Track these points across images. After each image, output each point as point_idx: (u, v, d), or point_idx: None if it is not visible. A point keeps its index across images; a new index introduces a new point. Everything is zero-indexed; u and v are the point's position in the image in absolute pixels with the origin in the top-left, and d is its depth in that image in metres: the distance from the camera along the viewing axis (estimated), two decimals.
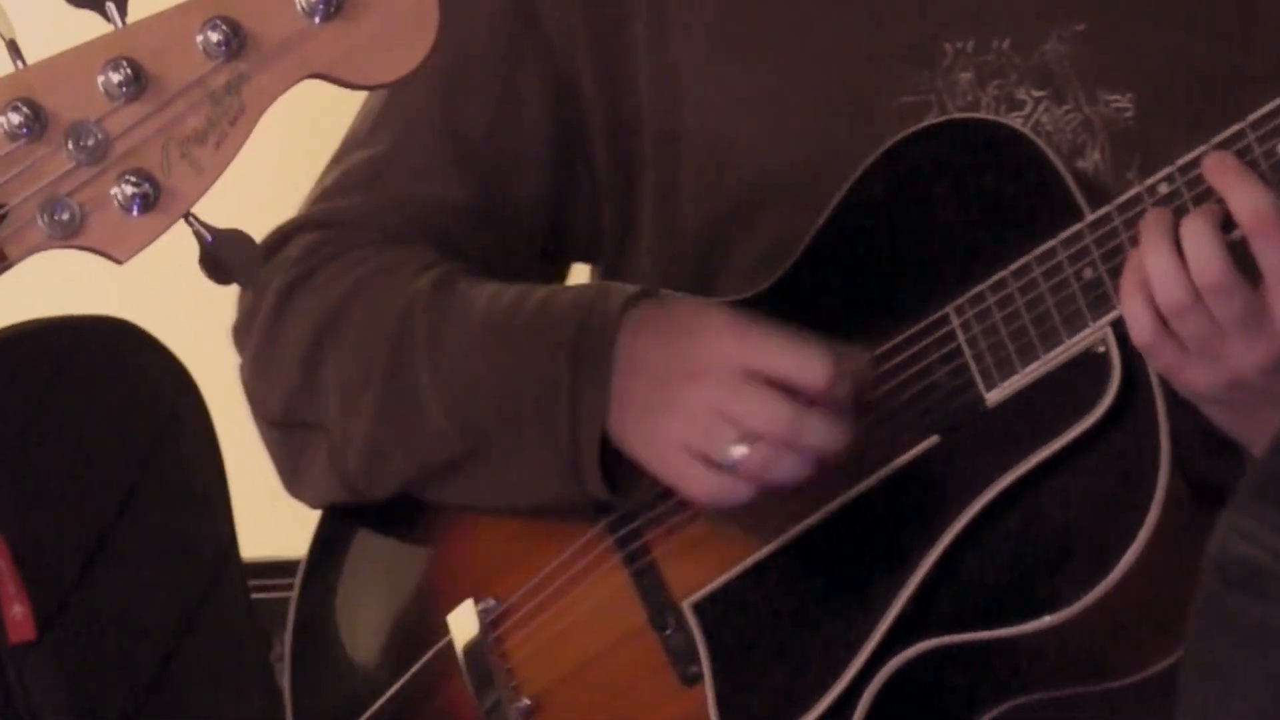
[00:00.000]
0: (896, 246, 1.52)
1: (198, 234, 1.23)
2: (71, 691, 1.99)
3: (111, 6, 1.18)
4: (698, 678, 1.52)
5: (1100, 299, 1.42)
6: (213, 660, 2.21)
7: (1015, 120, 1.51)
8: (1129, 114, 1.51)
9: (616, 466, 1.51)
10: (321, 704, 1.65)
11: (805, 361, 1.43)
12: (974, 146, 1.49)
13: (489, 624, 1.58)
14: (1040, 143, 1.46)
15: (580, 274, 1.75)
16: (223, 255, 1.21)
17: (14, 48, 1.20)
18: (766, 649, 1.52)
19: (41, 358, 2.06)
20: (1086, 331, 1.43)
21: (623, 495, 1.53)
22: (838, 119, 1.52)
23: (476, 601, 1.58)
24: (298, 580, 1.69)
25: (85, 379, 2.18)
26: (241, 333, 1.63)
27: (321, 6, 1.20)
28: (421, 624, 1.61)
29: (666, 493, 1.53)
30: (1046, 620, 1.43)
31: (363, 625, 1.66)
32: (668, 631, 1.53)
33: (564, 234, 1.62)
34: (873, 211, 1.51)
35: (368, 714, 1.61)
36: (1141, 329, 1.37)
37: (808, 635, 1.51)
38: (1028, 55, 1.52)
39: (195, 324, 1.85)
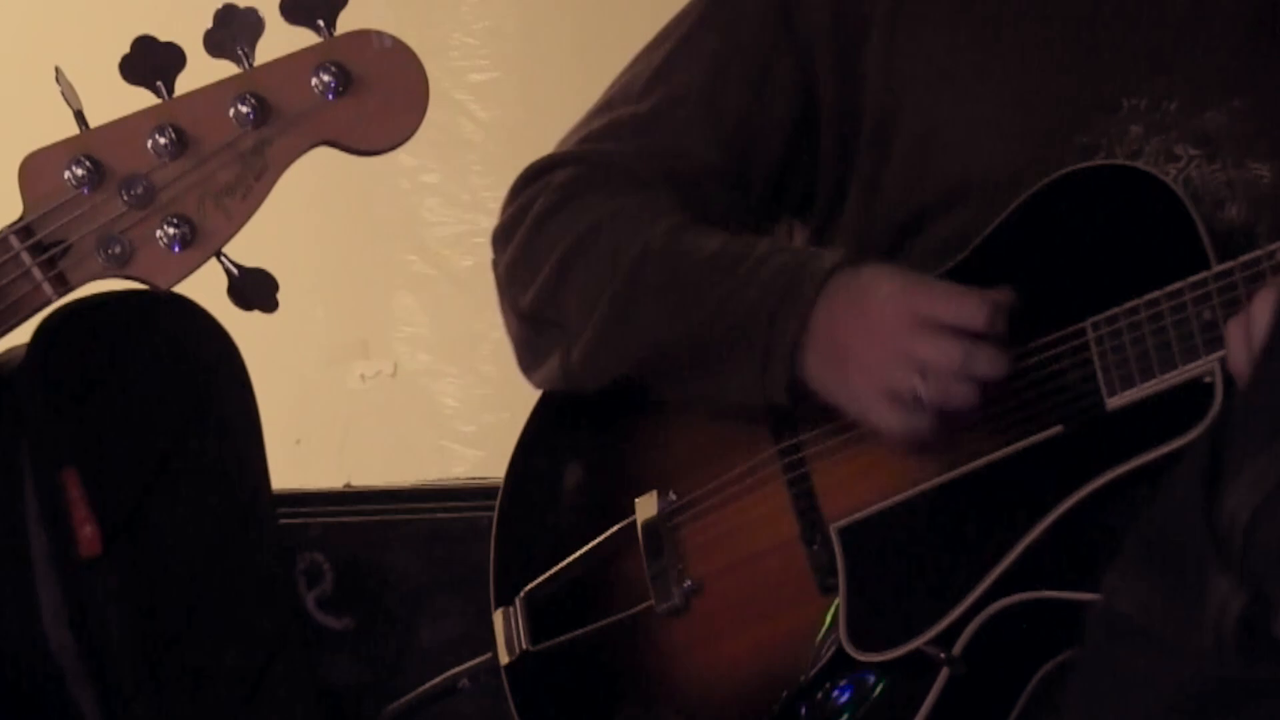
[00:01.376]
0: (1049, 262, 1.55)
1: (227, 270, 1.31)
2: (131, 599, 2.01)
3: (160, 84, 1.25)
4: (834, 589, 1.55)
5: (1214, 338, 1.44)
6: (248, 575, 2.27)
7: (1170, 171, 1.53)
8: (1266, 180, 1.54)
9: (803, 400, 1.55)
10: (520, 555, 1.68)
11: (965, 304, 1.47)
12: (1129, 190, 1.52)
13: (669, 513, 1.61)
14: (1184, 197, 1.49)
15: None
16: (246, 287, 1.29)
17: (80, 116, 1.27)
18: (894, 576, 1.56)
19: (109, 321, 2.09)
20: (1199, 362, 1.45)
21: (800, 406, 1.55)
22: (1028, 143, 1.55)
23: (661, 493, 1.62)
24: (515, 450, 1.72)
25: (143, 338, 2.22)
26: (501, 238, 1.66)
27: (333, 85, 1.26)
28: (613, 502, 1.64)
29: (835, 426, 1.56)
30: None
31: (563, 495, 1.70)
32: (815, 547, 1.56)
33: (785, 198, 1.67)
34: (1036, 228, 1.55)
35: (556, 568, 1.64)
36: (1237, 363, 1.40)
37: (930, 571, 1.55)
38: (1190, 118, 1.54)
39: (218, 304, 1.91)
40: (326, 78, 1.26)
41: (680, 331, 1.58)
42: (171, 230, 1.29)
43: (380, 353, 1.80)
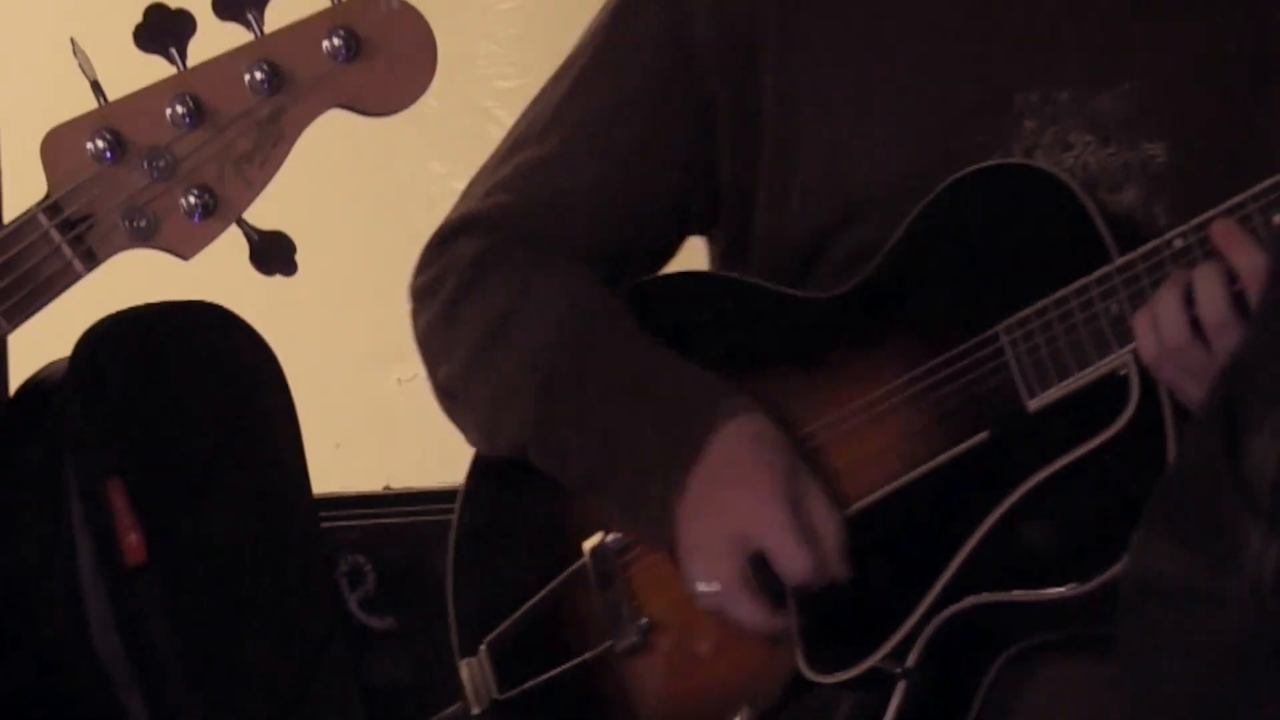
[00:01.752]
0: (954, 268, 1.56)
1: (247, 235, 1.31)
2: (176, 605, 2.00)
3: (174, 52, 1.26)
4: (786, 615, 1.56)
5: (1124, 331, 1.45)
6: (291, 578, 2.27)
7: (1066, 160, 1.54)
8: (1161, 159, 1.54)
9: None
10: (478, 606, 1.69)
11: (792, 558, 1.50)
12: (1025, 187, 1.53)
13: (617, 552, 1.62)
14: (1080, 192, 1.50)
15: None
16: (266, 251, 1.30)
17: (97, 87, 1.27)
18: (843, 597, 1.56)
19: (152, 333, 2.10)
20: (1111, 357, 1.46)
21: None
22: (926, 151, 1.55)
23: (609, 534, 1.62)
24: (458, 505, 1.74)
25: (183, 348, 2.24)
26: (421, 300, 1.68)
27: (343, 51, 1.27)
28: (561, 547, 1.65)
29: None
30: (1066, 590, 1.47)
31: (512, 544, 1.71)
32: (762, 575, 1.56)
33: (691, 220, 1.68)
34: (937, 235, 1.55)
35: (514, 616, 1.65)
36: (1148, 354, 1.42)
37: (878, 588, 1.55)
38: (1082, 106, 1.55)
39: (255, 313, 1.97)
40: (337, 42, 1.27)
41: (590, 433, 1.59)
42: (193, 200, 1.29)
43: (417, 356, 1.82)
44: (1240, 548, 1.00)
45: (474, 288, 1.62)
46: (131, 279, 1.70)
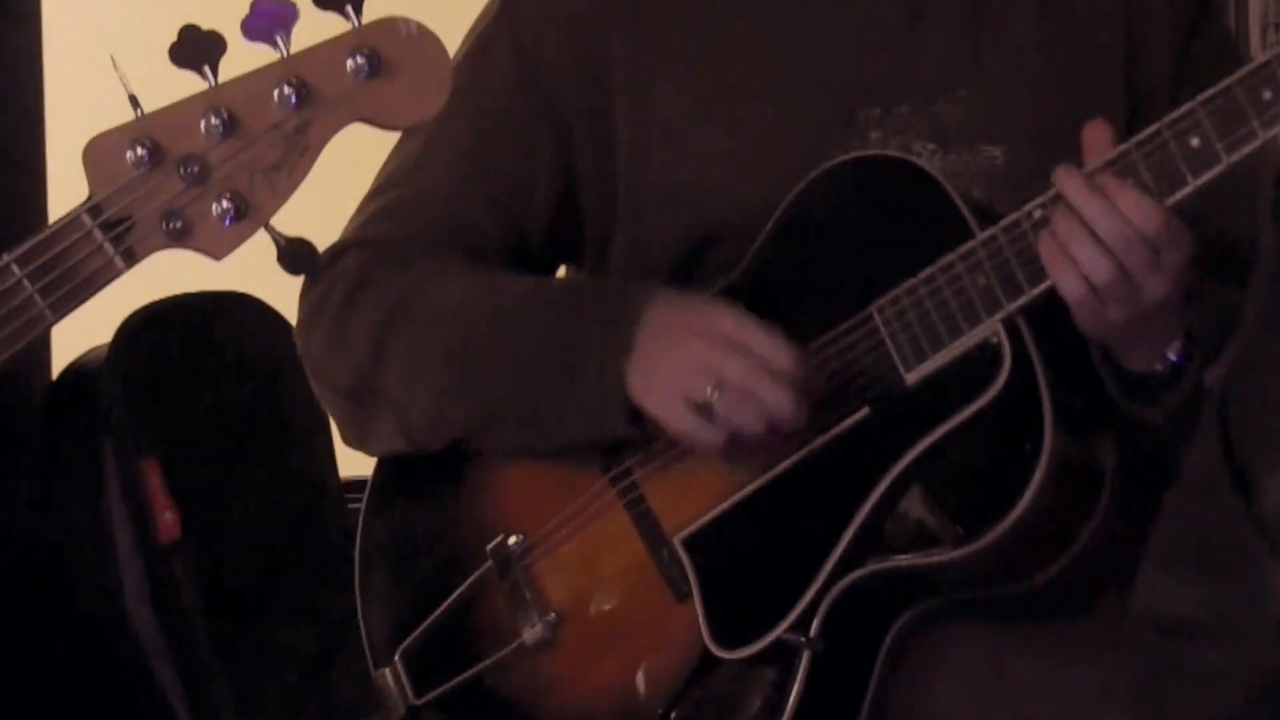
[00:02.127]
0: (824, 258, 1.58)
1: (275, 239, 1.34)
2: (207, 578, 2.08)
3: (206, 68, 1.30)
4: (689, 596, 1.58)
5: (993, 301, 1.50)
6: (317, 558, 2.31)
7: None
8: (1000, 161, 1.59)
9: (639, 422, 1.57)
10: (388, 616, 1.70)
11: (779, 346, 1.50)
12: (885, 178, 1.56)
13: (520, 553, 1.64)
14: (938, 176, 1.53)
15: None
16: (291, 254, 1.33)
17: (134, 100, 1.31)
18: (743, 574, 1.59)
19: (183, 322, 2.17)
20: (982, 326, 1.50)
21: (643, 434, 1.58)
22: (778, 170, 1.58)
23: (509, 536, 1.64)
24: (360, 522, 1.74)
25: (215, 336, 2.28)
26: (307, 327, 1.68)
27: (366, 69, 1.31)
28: (465, 552, 1.67)
29: (658, 447, 1.59)
30: (956, 553, 1.52)
31: (417, 553, 1.71)
32: (663, 561, 1.59)
33: (560, 250, 1.70)
34: (804, 229, 1.58)
35: (424, 624, 1.66)
36: (1073, 290, 1.45)
37: (776, 563, 1.58)
38: (922, 115, 1.59)
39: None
40: (360, 61, 1.30)
41: (517, 373, 1.60)
42: (225, 205, 1.33)
43: None
44: (1264, 589, 1.00)
45: (361, 289, 1.63)
46: (166, 272, 1.77)
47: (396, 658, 1.66)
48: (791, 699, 1.54)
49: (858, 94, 1.59)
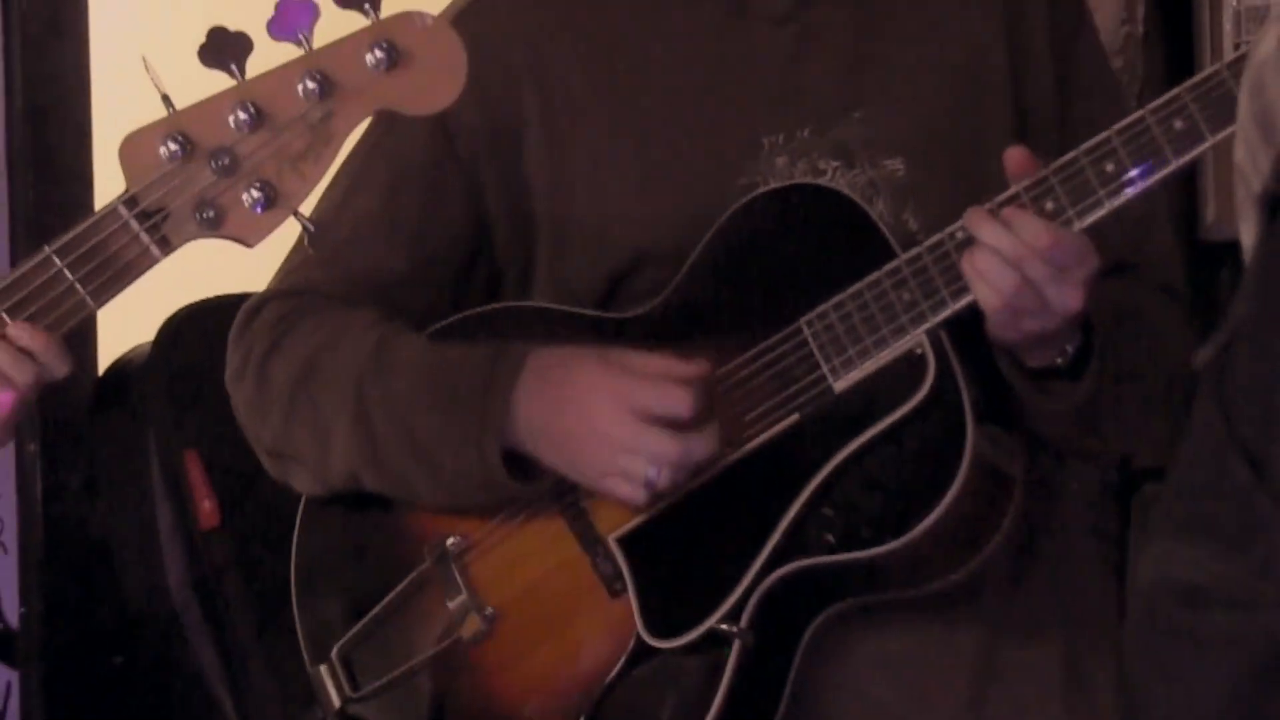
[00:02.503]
0: (753, 279, 1.64)
1: (303, 225, 1.41)
2: (245, 565, 2.08)
3: (234, 67, 1.35)
4: (623, 592, 1.62)
5: (917, 315, 1.56)
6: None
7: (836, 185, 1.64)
8: (901, 173, 1.64)
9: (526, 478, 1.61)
10: (325, 617, 1.73)
11: (671, 397, 1.54)
12: (808, 206, 1.62)
13: (459, 553, 1.67)
14: (860, 202, 1.60)
15: None
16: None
17: (166, 99, 1.37)
18: (676, 571, 1.63)
19: (222, 319, 2.18)
20: (907, 338, 1.56)
21: (537, 486, 1.62)
22: (692, 201, 1.63)
23: (448, 537, 1.67)
24: (298, 523, 1.76)
25: None
26: (233, 384, 1.73)
27: (385, 61, 1.36)
28: (406, 554, 1.69)
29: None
30: (876, 550, 1.57)
31: (355, 556, 1.74)
32: (597, 559, 1.62)
33: (475, 290, 1.72)
34: (732, 254, 1.63)
35: (363, 621, 1.69)
36: (989, 302, 1.52)
37: (708, 560, 1.62)
38: (823, 137, 1.63)
39: None
40: (379, 54, 1.36)
41: (411, 446, 1.62)
42: (255, 193, 1.38)
43: None
44: (1277, 555, 1.00)
45: (279, 345, 1.67)
46: (206, 272, 1.83)
47: (333, 654, 1.69)
48: (722, 686, 1.58)
49: (760, 122, 1.64)
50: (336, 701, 1.68)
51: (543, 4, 1.70)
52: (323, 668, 1.70)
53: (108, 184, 1.61)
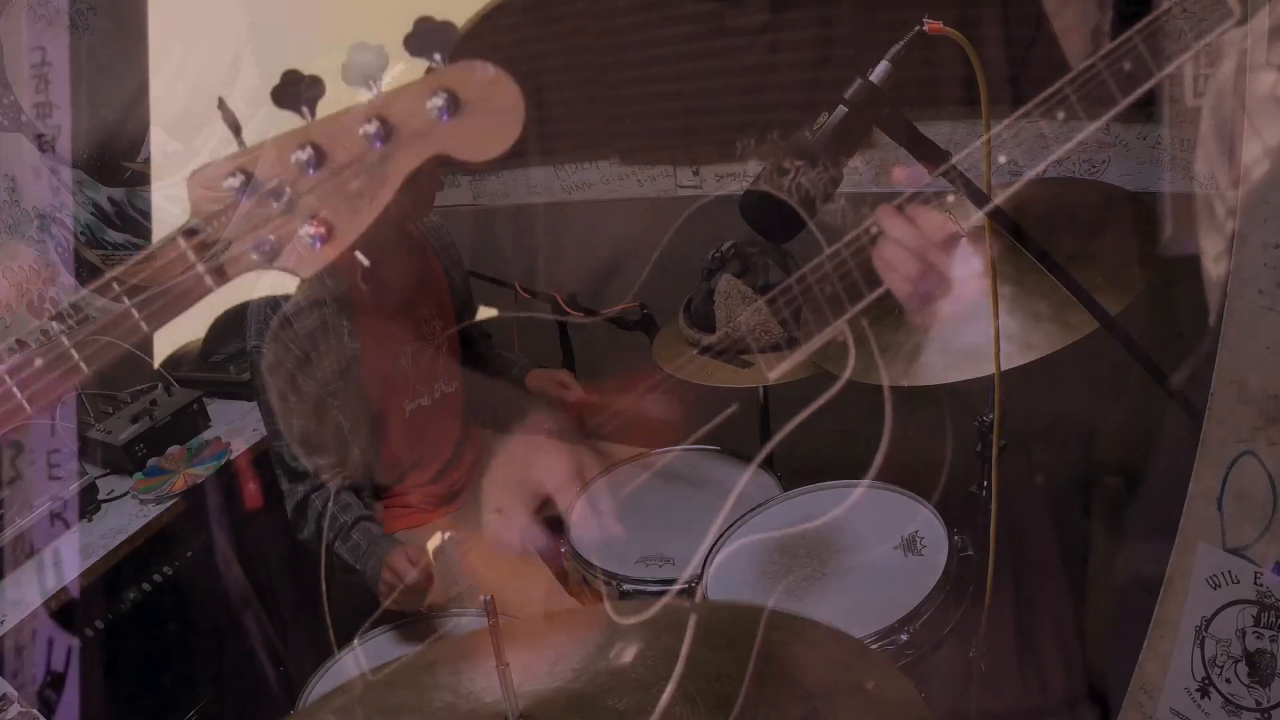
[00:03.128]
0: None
1: (358, 260, 1.39)
2: (284, 542, 2.13)
3: (304, 109, 1.35)
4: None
5: (839, 306, 1.62)
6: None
7: (783, 182, 1.70)
8: (859, 171, 1.78)
9: None
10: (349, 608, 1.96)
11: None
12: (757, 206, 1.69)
13: (454, 546, 1.92)
14: (794, 204, 1.67)
15: None
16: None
17: (237, 133, 1.37)
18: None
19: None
20: (830, 329, 1.62)
21: None
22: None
23: (445, 533, 1.95)
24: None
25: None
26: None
27: (445, 109, 1.34)
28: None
29: None
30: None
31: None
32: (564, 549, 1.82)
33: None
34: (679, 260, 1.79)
35: (378, 611, 1.93)
36: (901, 291, 1.59)
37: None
38: (788, 139, 1.70)
39: None
40: (440, 101, 1.34)
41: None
42: (312, 229, 1.37)
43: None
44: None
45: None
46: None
47: (356, 640, 1.91)
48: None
49: (739, 128, 1.80)
50: (360, 680, 1.77)
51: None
52: (347, 653, 1.91)
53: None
